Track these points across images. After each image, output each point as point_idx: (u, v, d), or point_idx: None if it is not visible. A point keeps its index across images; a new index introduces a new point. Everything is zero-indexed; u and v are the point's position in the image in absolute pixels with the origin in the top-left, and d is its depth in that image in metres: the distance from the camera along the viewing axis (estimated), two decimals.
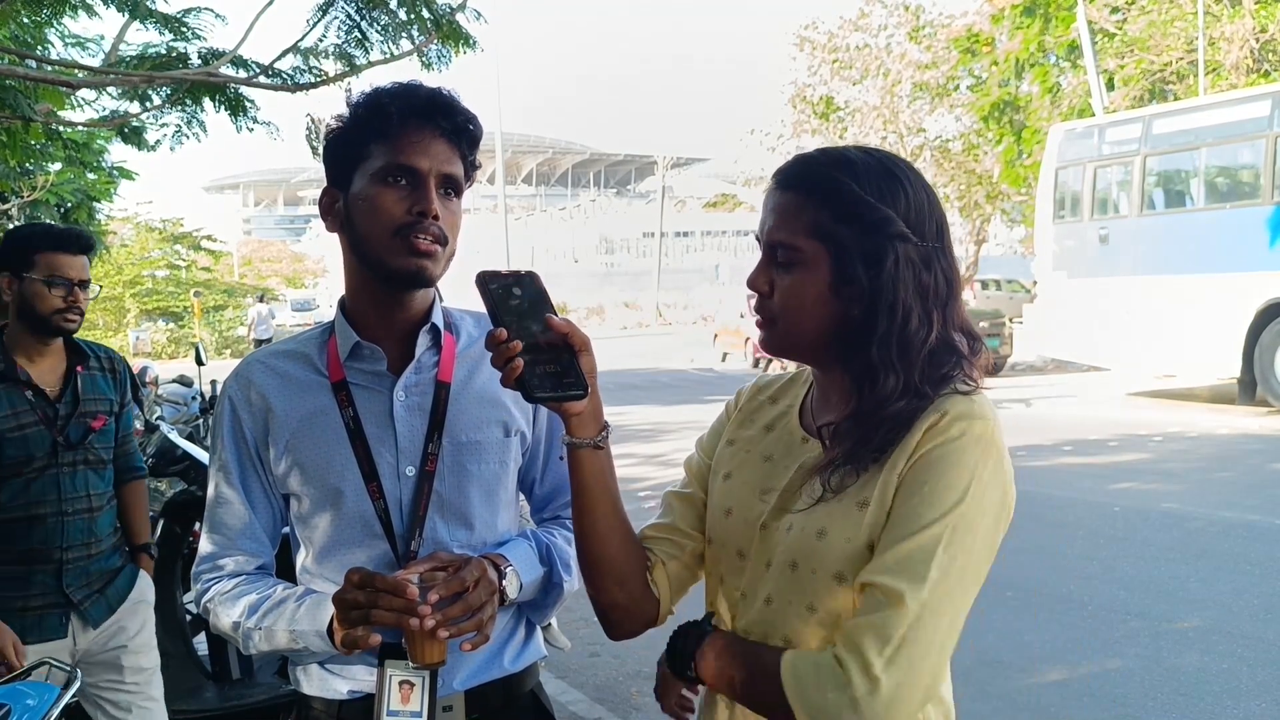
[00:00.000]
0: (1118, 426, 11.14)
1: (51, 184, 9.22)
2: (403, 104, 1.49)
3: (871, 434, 1.20)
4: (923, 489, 1.15)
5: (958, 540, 1.13)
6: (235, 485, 1.59)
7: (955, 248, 6.70)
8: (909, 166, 1.26)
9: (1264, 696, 4.09)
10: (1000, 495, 1.18)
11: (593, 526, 1.33)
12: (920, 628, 1.10)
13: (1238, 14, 16.87)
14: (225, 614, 1.56)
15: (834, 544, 1.19)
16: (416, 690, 1.46)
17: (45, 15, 5.27)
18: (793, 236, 1.22)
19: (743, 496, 1.33)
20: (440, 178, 1.50)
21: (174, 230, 39.82)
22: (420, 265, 1.48)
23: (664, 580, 1.37)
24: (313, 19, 4.39)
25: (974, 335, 1.26)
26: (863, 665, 1.10)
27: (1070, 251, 13.83)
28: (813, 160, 1.26)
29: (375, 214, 1.48)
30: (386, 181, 1.48)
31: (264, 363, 1.61)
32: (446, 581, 1.39)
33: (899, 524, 1.15)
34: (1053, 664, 4.51)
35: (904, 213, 1.20)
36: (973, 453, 1.15)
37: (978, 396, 1.21)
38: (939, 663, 1.13)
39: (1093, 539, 6.53)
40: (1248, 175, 12.11)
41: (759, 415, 1.41)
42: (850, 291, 1.21)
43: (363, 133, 1.50)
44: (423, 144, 1.48)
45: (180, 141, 5.10)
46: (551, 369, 1.23)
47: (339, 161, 1.54)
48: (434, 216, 1.47)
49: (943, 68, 24.26)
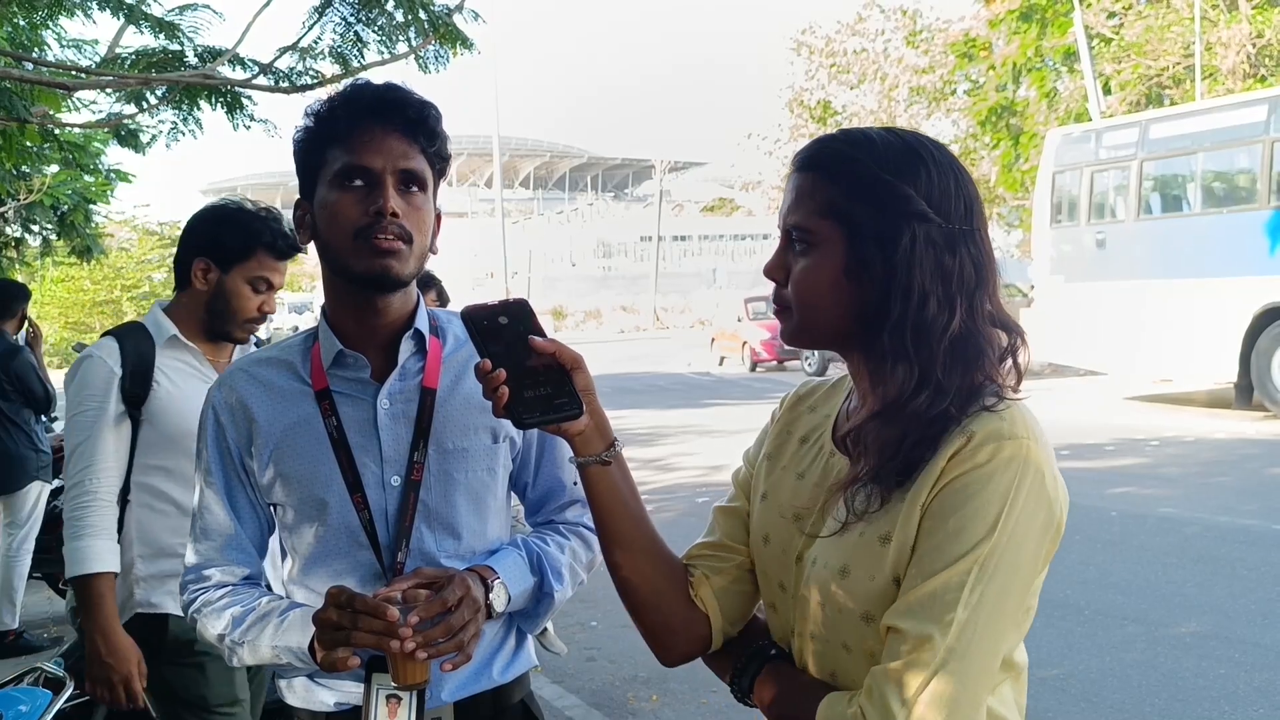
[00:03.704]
0: (1115, 431, 11.14)
1: (48, 186, 9.20)
2: (351, 105, 1.47)
3: (895, 440, 1.11)
4: (947, 523, 1.06)
5: (986, 577, 1.04)
6: (220, 495, 1.57)
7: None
8: (938, 146, 1.18)
9: (1261, 702, 4.08)
10: (1044, 518, 1.09)
11: (616, 543, 1.28)
12: (947, 674, 1.03)
13: (1234, 19, 16.91)
14: (210, 626, 1.54)
15: (857, 582, 1.12)
16: (404, 704, 1.44)
17: (41, 17, 5.26)
18: (806, 218, 1.16)
19: (777, 523, 1.26)
20: (398, 174, 1.46)
21: (172, 233, 39.73)
22: (384, 265, 1.45)
23: (710, 597, 1.29)
24: (309, 20, 4.38)
25: (1013, 328, 1.16)
26: (884, 715, 1.04)
27: (1067, 256, 13.83)
28: (831, 139, 1.20)
29: (334, 219, 1.46)
30: (343, 185, 1.46)
31: (247, 371, 1.59)
32: (428, 602, 1.37)
33: (923, 561, 1.07)
34: (1049, 668, 4.50)
35: (925, 191, 1.12)
36: (1003, 478, 1.06)
37: (1010, 412, 1.10)
38: (972, 709, 1.05)
39: (1089, 543, 6.52)
40: (1244, 180, 12.11)
41: (797, 426, 1.33)
42: (865, 275, 1.13)
43: (320, 140, 1.48)
44: (374, 142, 1.45)
45: (176, 139, 5.09)
46: (543, 391, 1.22)
47: (303, 173, 1.52)
48: (392, 214, 1.44)
49: (940, 72, 24.32)
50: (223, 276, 2.37)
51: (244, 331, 2.45)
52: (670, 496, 8.54)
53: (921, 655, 1.03)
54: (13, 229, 10.85)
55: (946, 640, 1.03)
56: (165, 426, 2.33)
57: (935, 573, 1.05)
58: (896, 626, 1.06)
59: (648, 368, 23.55)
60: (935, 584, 1.05)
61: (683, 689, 4.48)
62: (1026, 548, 1.07)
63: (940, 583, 1.05)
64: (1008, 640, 1.10)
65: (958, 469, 1.07)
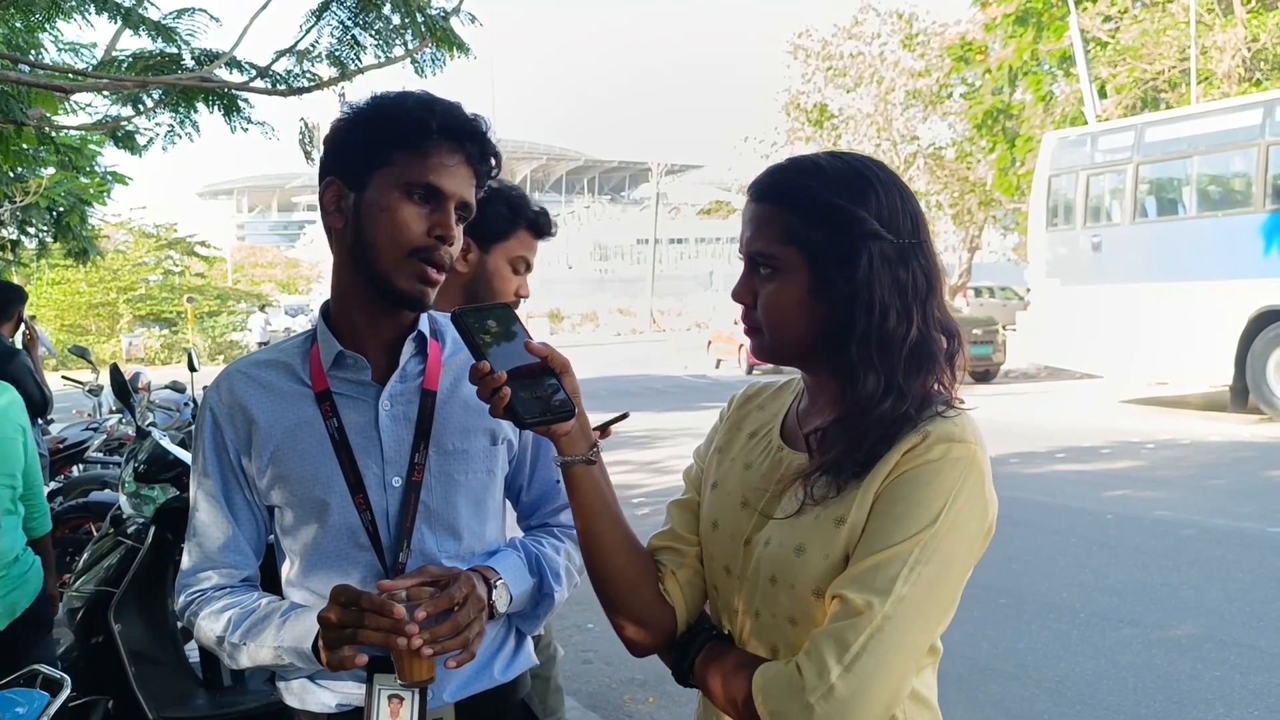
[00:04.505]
0: (1110, 433, 11.16)
1: (44, 188, 9.20)
2: (443, 121, 1.45)
3: (858, 440, 1.20)
4: (896, 508, 1.16)
5: (925, 559, 1.13)
6: (217, 498, 1.56)
7: (949, 255, 6.72)
8: (880, 166, 1.27)
9: (1256, 704, 4.09)
10: (979, 519, 1.18)
11: (597, 541, 1.34)
12: (881, 639, 1.11)
13: (1229, 23, 16.96)
14: (209, 628, 1.53)
15: (812, 560, 1.20)
16: (406, 704, 1.44)
17: (38, 20, 5.26)
18: (769, 245, 1.24)
19: (727, 509, 1.34)
20: (459, 204, 1.47)
21: (168, 235, 39.73)
22: (424, 292, 1.47)
23: (676, 590, 1.37)
24: (306, 24, 4.39)
25: (953, 334, 1.26)
26: (819, 671, 1.11)
27: (1063, 259, 13.86)
28: (781, 170, 1.29)
29: (393, 227, 1.45)
30: (411, 197, 1.45)
31: (245, 373, 1.58)
32: (434, 599, 1.37)
33: (871, 539, 1.16)
34: (1045, 670, 4.51)
35: (875, 211, 1.21)
36: (951, 475, 1.16)
37: (961, 419, 1.21)
38: (900, 678, 1.13)
39: (1085, 546, 6.53)
40: (1240, 183, 12.15)
41: (746, 423, 1.42)
42: (830, 294, 1.22)
43: (388, 136, 1.45)
44: (452, 167, 1.46)
45: (173, 141, 5.09)
46: (538, 394, 1.25)
47: (356, 159, 1.48)
48: (451, 241, 1.46)
49: (936, 75, 24.38)
50: (483, 256, 2.20)
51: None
52: (666, 499, 8.51)
53: (860, 620, 1.12)
54: (9, 231, 10.85)
55: (884, 608, 1.12)
56: None
57: (881, 550, 1.15)
58: (841, 594, 1.15)
59: (645, 370, 23.54)
60: (880, 558, 1.14)
61: (679, 691, 4.45)
62: (964, 540, 1.17)
63: (884, 558, 1.14)
64: (937, 624, 1.19)
65: (911, 462, 1.17)
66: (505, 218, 2.19)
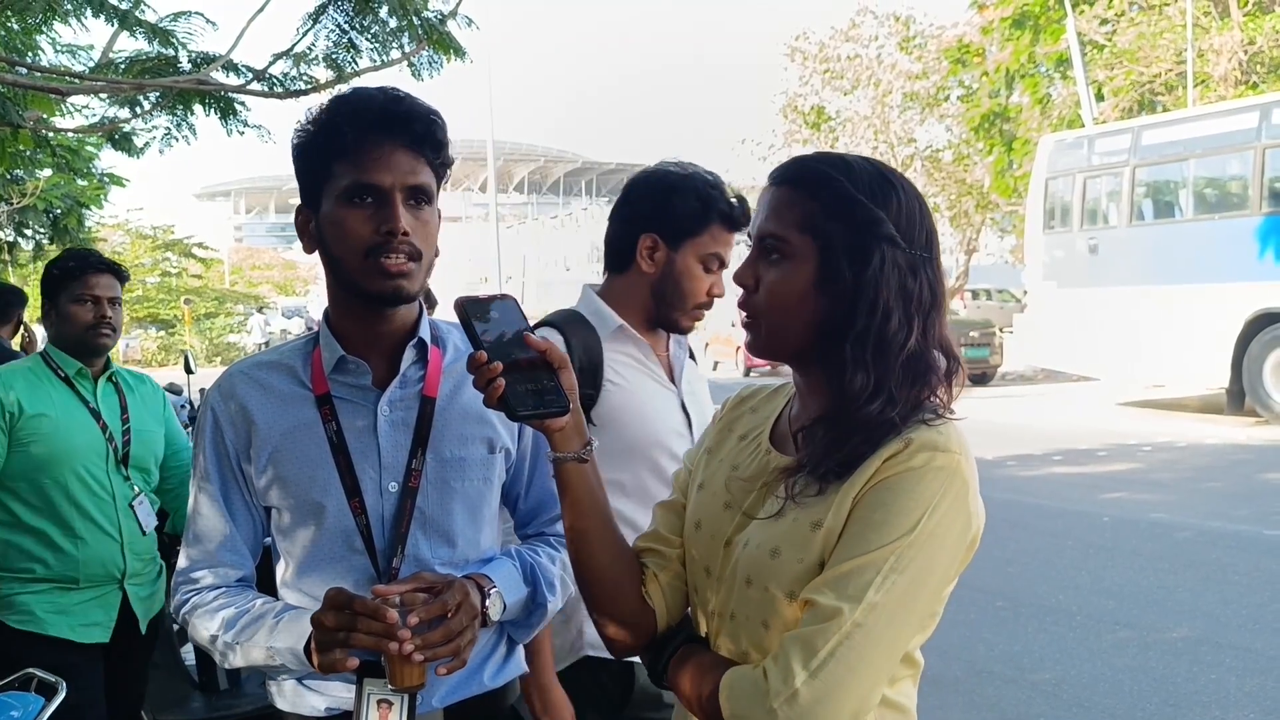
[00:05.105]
0: (1107, 436, 11.17)
1: (41, 190, 9.20)
2: (357, 118, 1.44)
3: (841, 437, 1.19)
4: (874, 514, 1.14)
5: (901, 568, 1.12)
6: (216, 498, 1.57)
7: (946, 257, 6.70)
8: (904, 178, 1.27)
9: (1252, 706, 4.10)
10: (961, 530, 1.16)
11: (584, 539, 1.33)
12: (850, 646, 1.09)
13: (1226, 26, 16.99)
14: (203, 627, 1.54)
15: (786, 563, 1.19)
16: (395, 709, 1.44)
17: (35, 22, 5.26)
18: (783, 229, 1.24)
19: (710, 510, 1.33)
20: (406, 190, 1.45)
21: (165, 237, 39.65)
22: (395, 285, 1.46)
23: (658, 593, 1.37)
24: (303, 27, 4.39)
25: (953, 356, 1.25)
26: (784, 676, 1.10)
27: (1060, 261, 13.88)
28: (811, 160, 1.28)
29: (344, 237, 1.46)
30: (352, 202, 1.45)
31: (247, 374, 1.59)
32: (427, 605, 1.37)
33: (847, 545, 1.14)
34: (1041, 673, 4.51)
35: (895, 217, 1.21)
36: (932, 483, 1.14)
37: (947, 428, 1.19)
38: (868, 687, 1.11)
39: (1082, 548, 6.54)
40: (1236, 186, 12.18)
41: (737, 425, 1.41)
42: (834, 288, 1.21)
43: (324, 151, 1.47)
44: (383, 158, 1.44)
45: (169, 144, 5.09)
46: (533, 387, 1.25)
47: (307, 181, 1.51)
48: (403, 234, 1.43)
49: (933, 78, 24.39)
50: (672, 254, 2.01)
51: (691, 319, 2.09)
52: None
53: (830, 625, 1.10)
54: (6, 233, 10.85)
55: (855, 615, 1.10)
56: (621, 434, 1.95)
57: (856, 555, 1.13)
58: (812, 599, 1.14)
59: None
60: (854, 564, 1.13)
61: None
62: (943, 551, 1.15)
63: (859, 564, 1.12)
64: (912, 635, 1.17)
65: (892, 469, 1.16)
66: (695, 212, 1.99)
